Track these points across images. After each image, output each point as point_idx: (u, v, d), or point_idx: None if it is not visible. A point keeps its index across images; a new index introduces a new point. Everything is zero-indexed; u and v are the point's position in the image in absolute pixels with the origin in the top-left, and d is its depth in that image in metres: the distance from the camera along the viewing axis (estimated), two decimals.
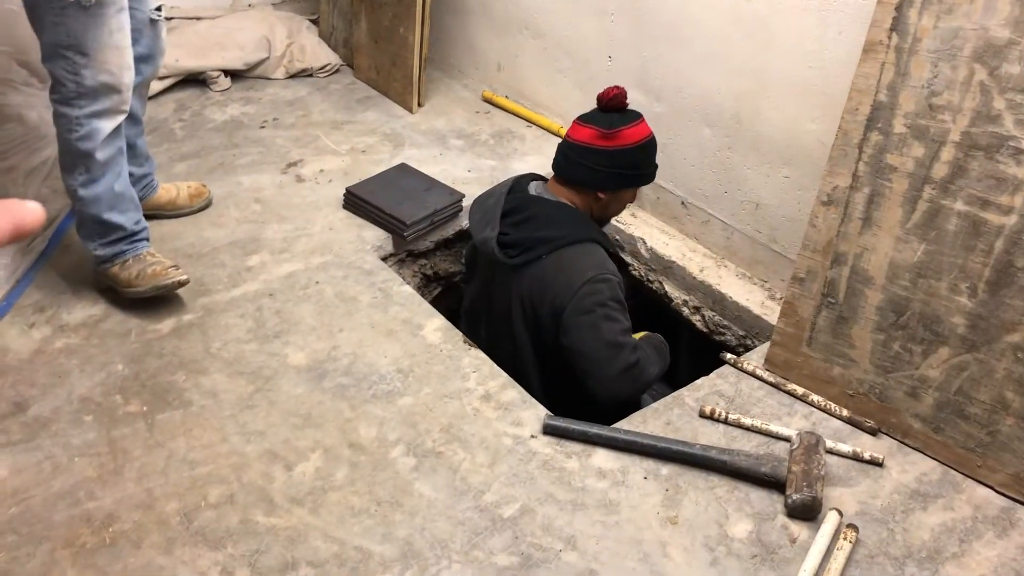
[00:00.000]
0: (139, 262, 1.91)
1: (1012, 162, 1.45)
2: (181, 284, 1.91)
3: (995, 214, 1.48)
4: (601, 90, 1.85)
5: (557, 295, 1.75)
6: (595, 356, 1.73)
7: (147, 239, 1.96)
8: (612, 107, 1.86)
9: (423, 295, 2.28)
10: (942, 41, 1.48)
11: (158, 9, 1.96)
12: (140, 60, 1.90)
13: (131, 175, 1.98)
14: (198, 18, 2.97)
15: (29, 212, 0.60)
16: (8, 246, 2.02)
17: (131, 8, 1.79)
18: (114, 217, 1.87)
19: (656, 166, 1.94)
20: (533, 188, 1.93)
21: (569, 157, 1.89)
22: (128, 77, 1.79)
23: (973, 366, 1.57)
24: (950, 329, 1.58)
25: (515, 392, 1.75)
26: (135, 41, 1.84)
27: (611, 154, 1.85)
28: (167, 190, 2.20)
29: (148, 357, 1.80)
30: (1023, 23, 1.39)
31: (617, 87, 1.85)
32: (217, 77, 2.86)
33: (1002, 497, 1.58)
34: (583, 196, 1.90)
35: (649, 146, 1.91)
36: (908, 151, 1.56)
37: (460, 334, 1.90)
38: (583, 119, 1.88)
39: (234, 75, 2.92)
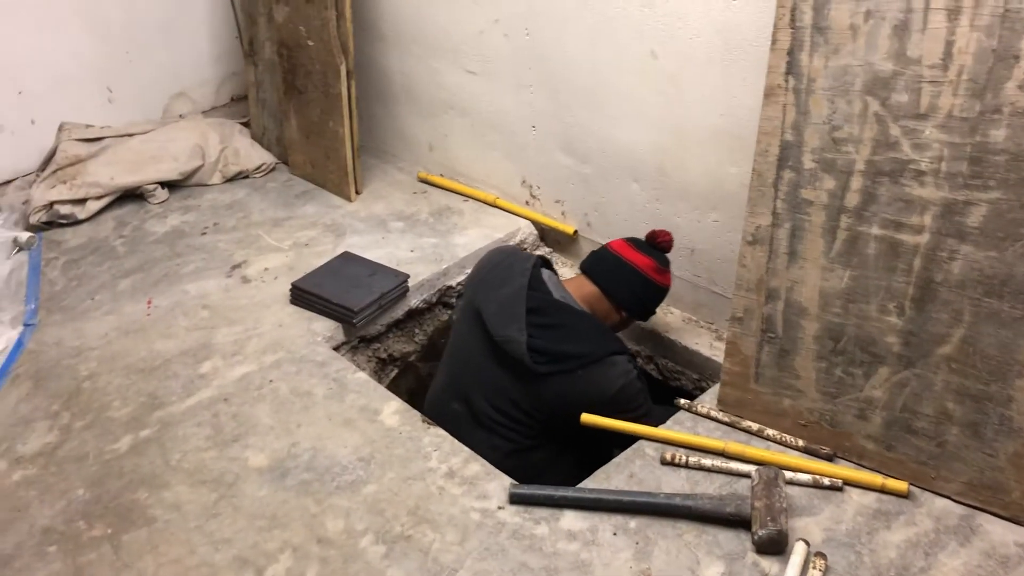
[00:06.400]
0: None
1: (916, 184, 1.52)
2: None
3: (909, 234, 1.55)
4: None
5: (590, 404, 1.89)
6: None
7: None
8: (660, 247, 2.06)
9: (380, 379, 2.31)
10: (834, 79, 1.56)
11: None
12: None
13: None
14: (130, 134, 3.01)
15: None
16: None
17: None
18: None
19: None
20: (551, 284, 2.02)
21: (615, 274, 2.04)
22: None
23: (913, 382, 1.62)
24: (886, 349, 1.63)
25: (478, 465, 1.77)
26: None
27: (655, 288, 2.05)
28: None
29: (108, 478, 1.79)
30: (903, 56, 1.47)
31: (669, 233, 2.08)
32: (154, 190, 2.89)
33: (960, 505, 1.62)
34: (605, 306, 2.05)
35: (666, 293, 2.10)
36: (820, 184, 1.63)
37: (418, 415, 1.92)
38: (637, 245, 2.06)
39: (171, 186, 2.96)
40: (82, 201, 2.77)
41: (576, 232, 2.57)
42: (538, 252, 2.66)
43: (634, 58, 2.14)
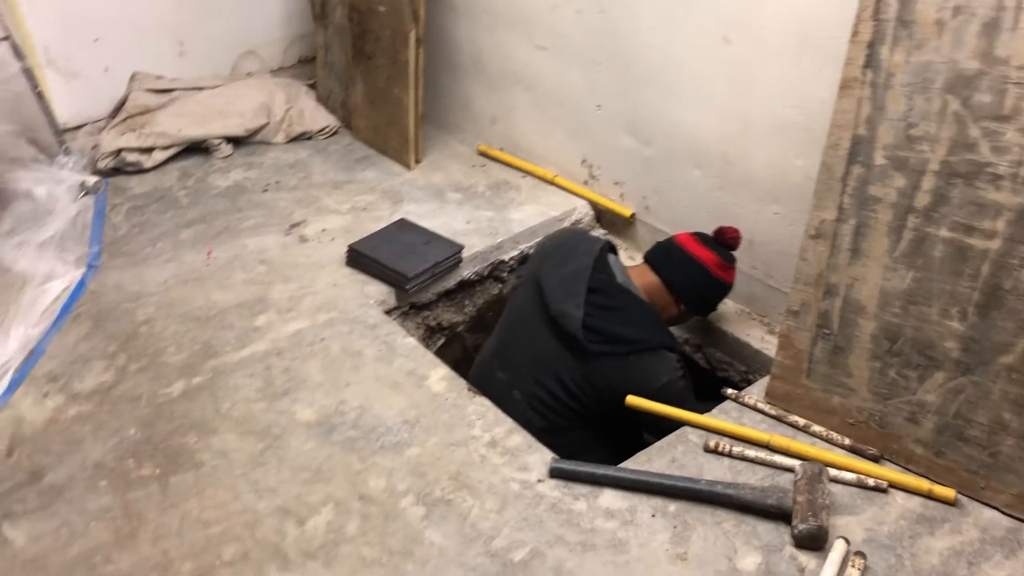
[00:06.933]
0: None
1: (991, 188, 1.49)
2: None
3: (979, 239, 1.52)
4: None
5: (635, 392, 1.88)
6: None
7: None
8: (728, 244, 2.06)
9: (427, 346, 2.32)
10: (914, 75, 1.53)
11: None
12: None
13: None
14: (199, 88, 3.05)
15: None
16: (22, 317, 2.07)
17: None
18: None
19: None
20: (615, 268, 2.03)
21: (678, 266, 2.05)
22: None
23: (969, 389, 1.59)
24: (944, 353, 1.60)
25: (520, 437, 1.78)
26: None
27: (716, 284, 2.06)
28: None
29: (159, 421, 1.83)
30: (990, 55, 1.44)
31: (738, 231, 2.09)
32: (219, 144, 2.93)
33: (1008, 518, 1.59)
34: (665, 298, 2.06)
35: (729, 289, 2.10)
36: (890, 182, 1.60)
37: (464, 383, 1.93)
38: (703, 240, 2.09)
39: (236, 141, 2.99)
40: (149, 150, 2.82)
41: (633, 215, 2.56)
42: (599, 234, 2.65)
43: (707, 42, 2.12)
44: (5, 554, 1.53)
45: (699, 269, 2.04)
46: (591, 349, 1.89)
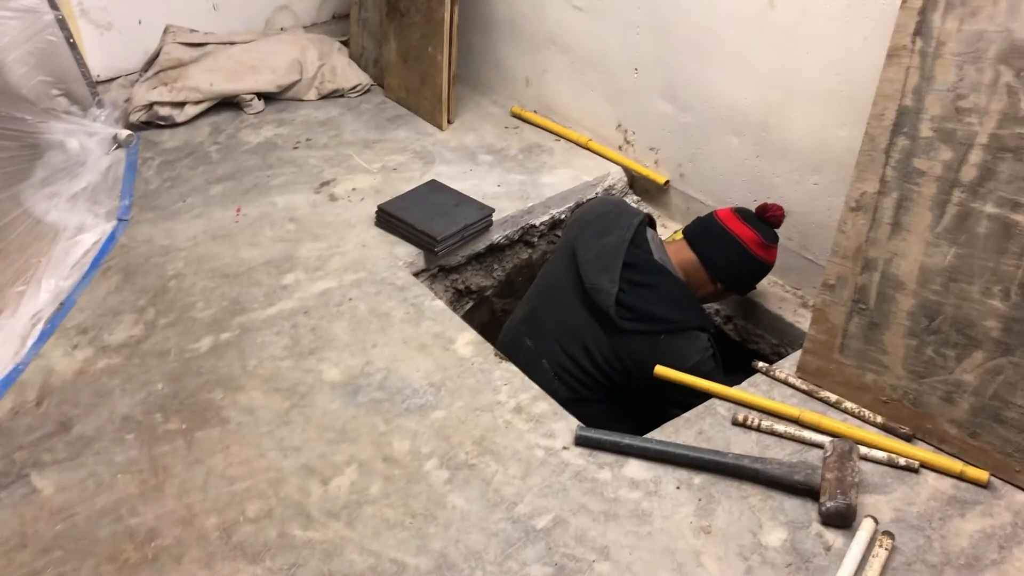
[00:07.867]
0: None
1: None
2: None
3: None
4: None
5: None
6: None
7: None
8: (770, 222, 2.01)
9: (455, 309, 2.31)
10: (966, 44, 1.47)
11: None
12: None
13: None
14: (232, 43, 3.03)
15: None
16: (53, 269, 2.08)
17: None
18: None
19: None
20: (653, 244, 1.99)
21: (716, 244, 2.00)
22: None
23: (1008, 370, 1.55)
24: (983, 333, 1.56)
25: (546, 404, 1.76)
26: None
27: (755, 263, 2.00)
28: None
29: (187, 376, 1.84)
30: None
31: (782, 208, 2.02)
32: (251, 100, 2.91)
33: None
34: (701, 275, 2.02)
35: (769, 269, 2.04)
36: (936, 155, 1.55)
37: (491, 348, 1.92)
38: (744, 216, 2.01)
39: (267, 97, 2.98)
40: (181, 104, 2.81)
41: (667, 183, 2.52)
42: (633, 202, 2.61)
43: (750, 6, 2.06)
44: (33, 503, 1.55)
45: (738, 247, 1.99)
46: (622, 326, 1.86)
